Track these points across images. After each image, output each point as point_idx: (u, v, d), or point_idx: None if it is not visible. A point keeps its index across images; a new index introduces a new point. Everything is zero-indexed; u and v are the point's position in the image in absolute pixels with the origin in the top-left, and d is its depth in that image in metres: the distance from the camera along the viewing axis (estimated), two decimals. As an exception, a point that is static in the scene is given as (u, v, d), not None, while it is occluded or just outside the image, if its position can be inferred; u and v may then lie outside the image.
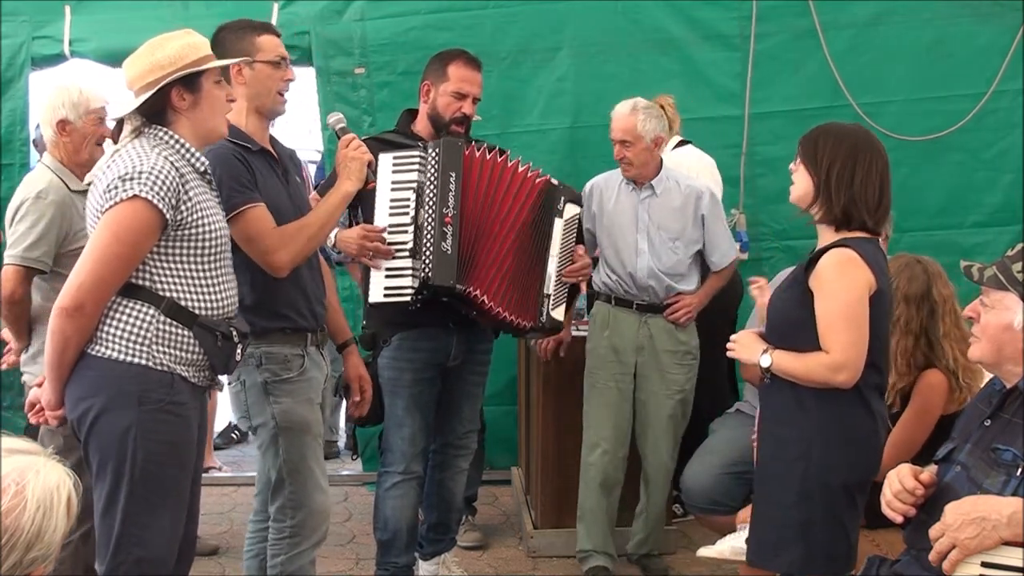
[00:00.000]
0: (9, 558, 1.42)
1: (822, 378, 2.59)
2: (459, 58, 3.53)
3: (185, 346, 2.49)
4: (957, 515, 2.07)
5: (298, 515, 2.96)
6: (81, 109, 3.29)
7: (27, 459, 1.51)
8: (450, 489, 3.76)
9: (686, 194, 3.91)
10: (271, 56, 2.93)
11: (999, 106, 4.96)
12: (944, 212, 5.02)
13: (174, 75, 2.48)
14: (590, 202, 4.00)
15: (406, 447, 3.52)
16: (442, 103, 3.48)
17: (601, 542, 3.99)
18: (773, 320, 2.75)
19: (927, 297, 3.23)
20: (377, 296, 3.32)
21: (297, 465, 2.94)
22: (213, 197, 2.61)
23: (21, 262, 3.20)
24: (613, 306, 3.97)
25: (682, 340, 3.95)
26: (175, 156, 2.50)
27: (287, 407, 2.91)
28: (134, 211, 2.39)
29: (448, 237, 3.28)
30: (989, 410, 2.28)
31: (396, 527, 3.56)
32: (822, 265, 2.60)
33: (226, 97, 2.61)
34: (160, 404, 2.45)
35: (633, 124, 3.82)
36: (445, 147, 3.34)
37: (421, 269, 3.27)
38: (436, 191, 3.30)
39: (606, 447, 3.94)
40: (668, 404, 3.95)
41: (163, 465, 2.46)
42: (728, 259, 3.99)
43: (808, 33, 4.93)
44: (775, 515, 2.70)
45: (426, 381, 3.52)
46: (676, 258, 3.90)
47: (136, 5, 4.77)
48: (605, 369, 3.96)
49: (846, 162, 2.63)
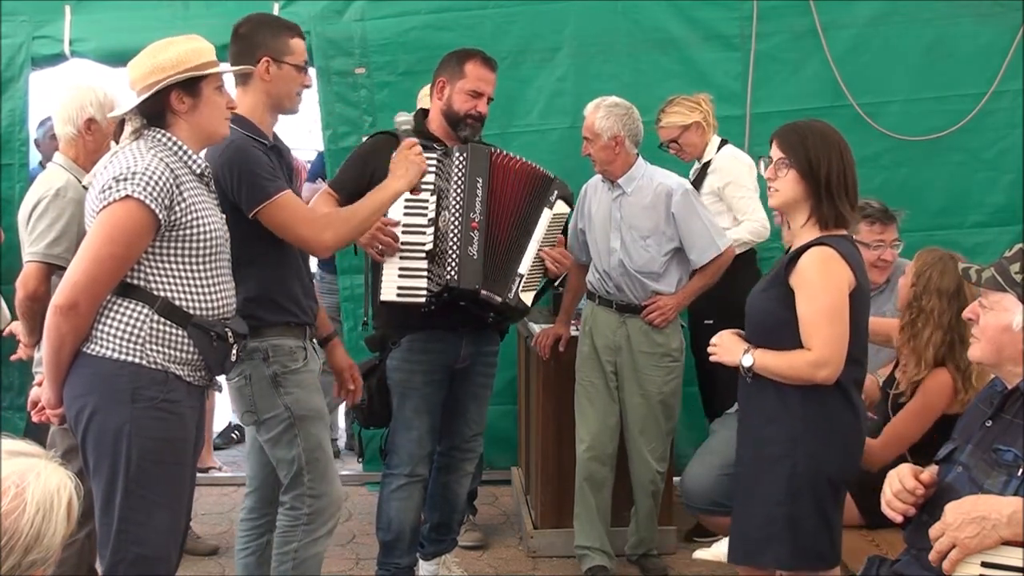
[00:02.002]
0: (8, 561, 1.42)
1: (804, 375, 2.61)
2: (476, 57, 3.53)
3: (179, 345, 2.50)
4: (957, 514, 2.07)
5: (316, 503, 2.98)
6: (107, 109, 3.30)
7: (28, 461, 1.50)
8: (454, 491, 3.77)
9: (657, 192, 3.90)
10: (300, 60, 2.96)
11: (999, 106, 4.96)
12: (945, 212, 5.02)
13: (173, 78, 2.49)
14: (582, 202, 4.03)
15: (414, 449, 3.52)
16: (458, 100, 3.48)
17: (596, 539, 3.99)
18: (754, 320, 2.75)
19: (958, 293, 3.21)
20: (390, 295, 3.34)
21: (315, 452, 2.97)
22: (211, 199, 2.62)
23: (43, 259, 3.20)
24: (596, 305, 3.99)
25: (659, 342, 3.94)
26: (171, 158, 2.51)
27: (299, 396, 2.95)
28: (127, 211, 2.40)
29: (475, 242, 3.32)
30: (990, 411, 2.28)
31: (400, 528, 3.56)
32: (803, 264, 2.61)
33: (226, 104, 2.62)
34: (154, 402, 2.46)
35: (592, 121, 3.87)
36: (473, 152, 3.37)
37: (444, 274, 3.29)
38: (463, 195, 3.34)
39: (589, 443, 3.94)
40: (645, 405, 3.94)
41: (158, 463, 2.47)
42: (707, 256, 3.92)
43: (808, 33, 4.93)
44: (760, 512, 2.71)
45: (436, 383, 3.53)
46: (648, 256, 3.89)
47: (136, 5, 4.77)
48: (588, 367, 3.98)
49: (839, 164, 2.65)
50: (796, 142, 2.67)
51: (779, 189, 2.70)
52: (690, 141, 4.38)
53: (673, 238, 3.91)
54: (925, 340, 3.13)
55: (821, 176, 2.64)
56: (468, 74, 3.48)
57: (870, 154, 4.77)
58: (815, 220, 2.67)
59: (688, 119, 4.33)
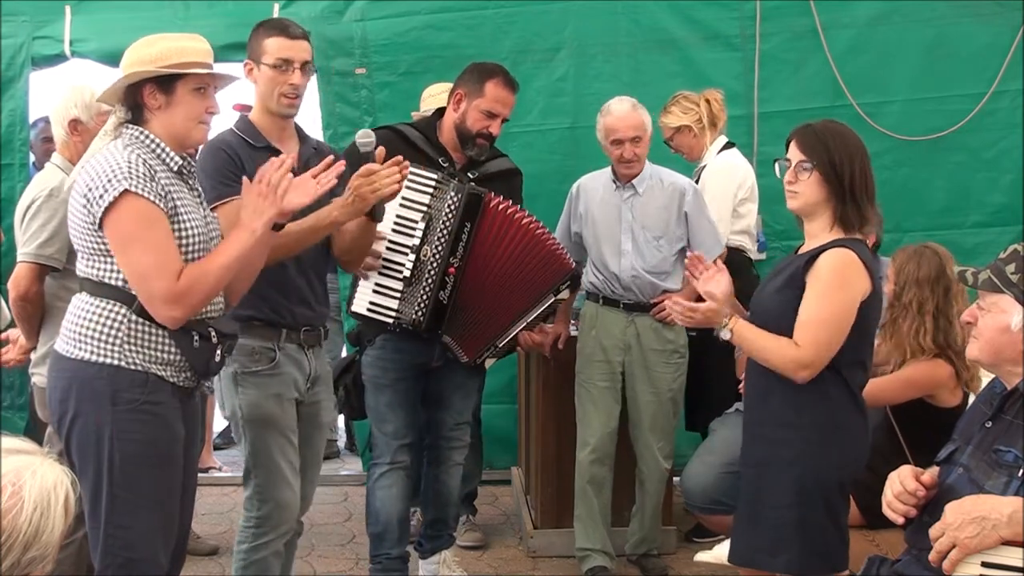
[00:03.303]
0: (7, 559, 1.42)
1: (783, 367, 2.61)
2: (498, 76, 3.49)
3: (159, 345, 2.46)
4: (957, 514, 2.07)
5: (264, 507, 2.95)
6: (93, 110, 3.30)
7: (25, 459, 1.50)
8: (445, 483, 3.76)
9: (669, 192, 3.90)
10: (271, 59, 2.91)
11: (999, 106, 4.96)
12: (945, 212, 5.02)
13: (148, 74, 2.45)
14: (576, 202, 4.00)
15: (391, 439, 3.55)
16: (472, 118, 3.46)
17: (599, 540, 3.99)
18: (764, 319, 2.72)
19: (941, 277, 3.25)
20: (361, 307, 3.39)
21: (261, 458, 2.93)
22: (191, 195, 2.57)
23: (35, 259, 3.20)
24: (600, 305, 3.97)
25: (669, 339, 3.94)
26: (148, 154, 2.47)
27: (253, 400, 2.92)
28: (130, 204, 2.36)
29: (448, 287, 3.35)
30: (990, 412, 2.28)
31: (387, 519, 3.57)
32: (823, 264, 2.60)
33: (206, 108, 2.52)
34: (134, 404, 2.42)
35: (641, 120, 3.84)
36: (467, 197, 3.34)
37: (414, 312, 3.34)
38: (448, 237, 3.33)
39: (594, 445, 3.94)
40: (656, 402, 3.94)
41: (142, 465, 2.43)
42: (713, 255, 3.88)
43: (809, 33, 4.93)
44: (769, 516, 2.70)
45: (409, 379, 3.55)
46: (660, 256, 3.89)
47: (136, 5, 4.77)
48: (593, 368, 3.96)
49: (861, 165, 2.64)
50: (817, 144, 2.64)
51: (799, 192, 2.66)
52: (682, 143, 4.36)
53: (682, 238, 3.92)
54: (905, 330, 3.19)
55: (845, 178, 2.61)
56: (487, 93, 3.45)
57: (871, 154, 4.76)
58: (838, 223, 2.66)
59: (678, 121, 4.31)
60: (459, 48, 4.89)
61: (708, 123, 4.33)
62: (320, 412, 3.13)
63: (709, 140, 4.37)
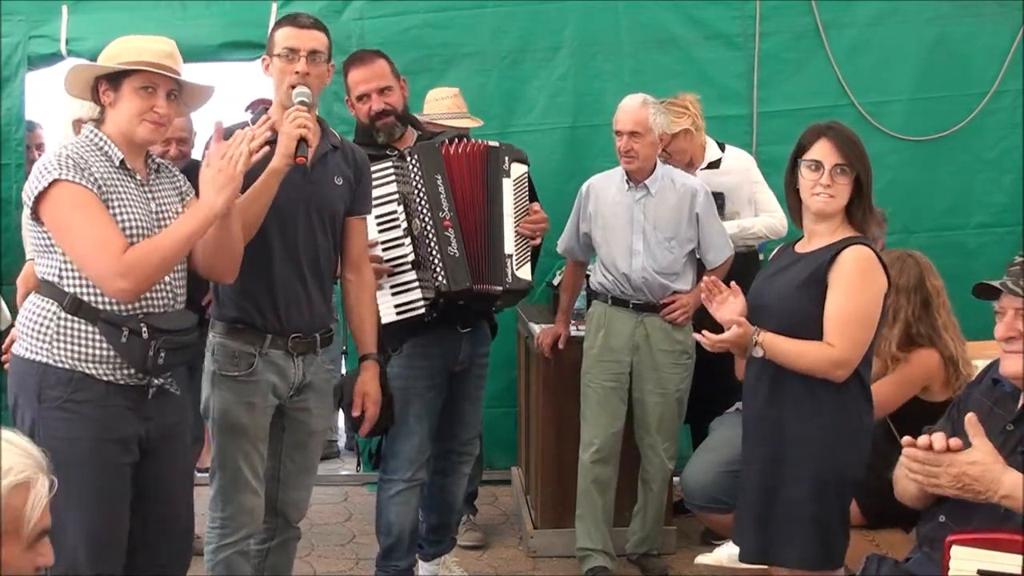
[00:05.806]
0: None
1: (821, 369, 2.62)
2: (351, 63, 3.39)
3: (89, 343, 2.44)
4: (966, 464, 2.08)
5: (228, 508, 2.91)
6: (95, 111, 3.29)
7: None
8: (452, 493, 3.76)
9: (681, 193, 3.89)
10: (277, 49, 2.85)
11: (1000, 106, 4.96)
12: (948, 213, 5.02)
13: (100, 70, 2.51)
14: (586, 202, 3.99)
15: (414, 455, 3.49)
16: (359, 111, 3.37)
17: (600, 541, 3.98)
18: (780, 315, 2.70)
19: (920, 288, 3.27)
20: (389, 316, 3.31)
21: (225, 461, 2.89)
22: (138, 190, 2.54)
23: None
24: (609, 306, 3.95)
25: (678, 340, 3.94)
26: (88, 149, 2.49)
27: (224, 404, 2.86)
28: (61, 189, 2.40)
29: (452, 240, 3.28)
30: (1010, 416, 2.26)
31: (400, 532, 3.55)
32: (846, 260, 2.61)
33: (151, 107, 2.50)
34: (57, 402, 2.42)
35: (645, 116, 3.81)
36: (423, 151, 3.33)
37: (433, 280, 3.27)
38: (426, 197, 3.30)
39: (599, 446, 3.93)
40: (663, 403, 3.93)
41: (64, 464, 2.36)
42: (723, 256, 3.94)
43: (810, 33, 4.93)
44: (783, 511, 2.71)
45: (437, 387, 3.51)
46: (672, 257, 3.88)
47: (133, 5, 4.76)
48: (600, 369, 3.94)
49: (870, 167, 2.69)
50: (855, 148, 2.66)
51: (835, 196, 2.65)
52: (679, 148, 4.33)
53: (692, 239, 3.91)
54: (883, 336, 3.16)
55: (865, 181, 2.67)
56: (349, 83, 3.37)
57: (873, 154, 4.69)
58: (850, 223, 2.69)
59: (678, 127, 4.28)
60: (458, 47, 4.90)
61: (699, 125, 4.33)
62: (310, 420, 3.01)
63: (703, 141, 4.37)
